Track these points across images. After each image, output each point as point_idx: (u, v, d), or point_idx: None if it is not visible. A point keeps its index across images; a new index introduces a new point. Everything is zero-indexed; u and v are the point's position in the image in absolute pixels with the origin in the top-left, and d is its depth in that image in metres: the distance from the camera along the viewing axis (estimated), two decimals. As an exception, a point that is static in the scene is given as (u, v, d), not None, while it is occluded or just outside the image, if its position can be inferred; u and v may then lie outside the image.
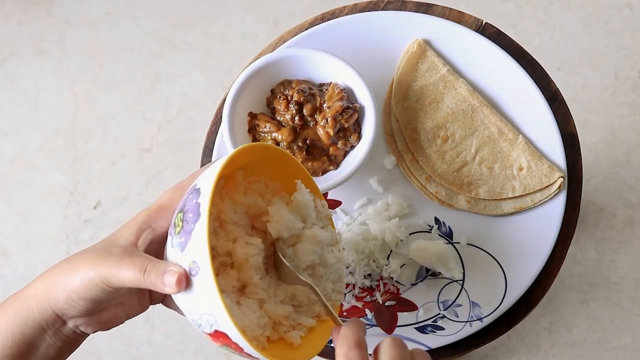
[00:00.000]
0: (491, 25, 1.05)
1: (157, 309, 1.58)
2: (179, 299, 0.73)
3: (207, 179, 0.72)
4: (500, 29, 1.04)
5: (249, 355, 0.72)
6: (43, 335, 0.75)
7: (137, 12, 1.75)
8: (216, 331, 0.70)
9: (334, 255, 0.85)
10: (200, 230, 0.69)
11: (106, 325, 0.78)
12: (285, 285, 0.82)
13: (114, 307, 0.78)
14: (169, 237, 0.74)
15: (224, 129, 0.97)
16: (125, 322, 0.82)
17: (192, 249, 0.70)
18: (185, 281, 0.70)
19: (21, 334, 0.74)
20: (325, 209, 0.86)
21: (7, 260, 1.64)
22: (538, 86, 1.01)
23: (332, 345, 1.00)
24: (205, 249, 0.68)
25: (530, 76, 1.01)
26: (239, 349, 0.71)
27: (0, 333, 0.75)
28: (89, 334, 0.78)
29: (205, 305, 0.69)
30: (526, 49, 1.04)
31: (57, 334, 0.76)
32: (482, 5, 1.70)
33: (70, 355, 0.80)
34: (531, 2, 1.70)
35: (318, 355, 1.01)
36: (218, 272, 0.80)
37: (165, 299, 0.82)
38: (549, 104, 1.01)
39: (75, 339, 0.77)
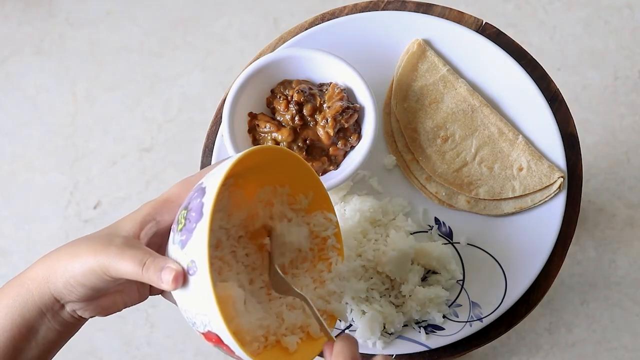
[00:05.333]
0: (491, 25, 1.05)
1: (157, 310, 1.58)
2: (176, 295, 0.73)
3: (214, 179, 0.72)
4: (500, 29, 1.04)
5: (239, 358, 0.71)
6: (42, 318, 0.75)
7: (137, 12, 1.75)
8: (209, 332, 0.70)
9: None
10: (202, 231, 0.69)
11: (104, 312, 0.78)
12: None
13: (113, 294, 0.78)
14: (171, 233, 0.74)
15: (224, 129, 0.97)
16: (126, 322, 0.82)
17: (191, 248, 0.70)
18: (182, 279, 0.70)
19: (21, 316, 0.75)
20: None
21: (7, 260, 1.64)
22: (538, 86, 1.01)
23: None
24: (204, 249, 0.68)
25: (530, 76, 1.01)
26: (230, 352, 0.71)
27: (1, 316, 0.75)
28: (87, 319, 0.78)
29: (200, 305, 0.69)
30: (526, 49, 1.04)
31: (56, 317, 0.76)
32: (482, 5, 1.70)
33: (71, 355, 0.80)
34: (531, 2, 1.70)
35: (318, 355, 1.01)
36: (221, 270, 0.81)
37: (164, 292, 0.82)
38: (549, 104, 1.01)
39: (74, 323, 0.77)
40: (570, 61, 1.66)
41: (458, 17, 1.05)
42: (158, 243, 0.77)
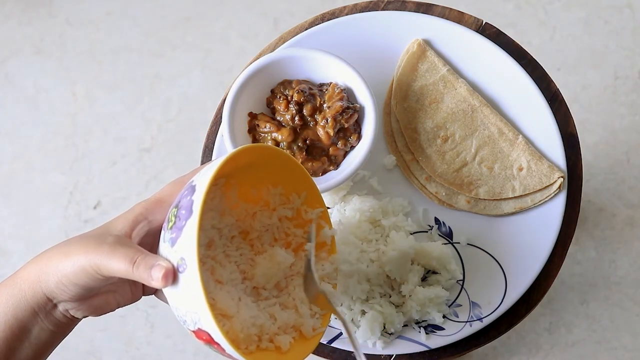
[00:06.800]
0: (491, 25, 1.05)
1: (157, 310, 1.58)
2: (167, 293, 0.73)
3: (204, 177, 0.72)
4: (500, 29, 1.04)
5: (230, 356, 0.72)
6: (35, 318, 0.75)
7: (137, 12, 1.75)
8: (199, 329, 0.70)
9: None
10: (191, 228, 0.69)
11: (96, 311, 0.78)
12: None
13: (106, 294, 0.78)
14: (162, 231, 0.74)
15: (223, 129, 0.97)
16: (126, 322, 0.82)
17: (181, 246, 0.70)
18: (172, 277, 0.70)
19: (14, 316, 0.75)
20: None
21: (7, 260, 1.64)
22: (538, 86, 1.01)
23: (331, 345, 1.00)
24: (193, 246, 0.68)
25: (530, 76, 1.01)
26: (221, 349, 0.71)
27: None
28: (79, 319, 0.78)
29: (190, 302, 0.70)
30: (526, 49, 1.04)
31: (49, 317, 0.76)
32: (482, 5, 1.70)
33: (71, 355, 0.80)
34: (531, 2, 1.70)
35: (319, 355, 1.01)
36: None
37: (157, 291, 0.82)
38: (549, 104, 1.01)
39: (67, 323, 0.78)
40: (570, 61, 1.66)
41: (458, 17, 1.05)
42: (150, 243, 0.78)
